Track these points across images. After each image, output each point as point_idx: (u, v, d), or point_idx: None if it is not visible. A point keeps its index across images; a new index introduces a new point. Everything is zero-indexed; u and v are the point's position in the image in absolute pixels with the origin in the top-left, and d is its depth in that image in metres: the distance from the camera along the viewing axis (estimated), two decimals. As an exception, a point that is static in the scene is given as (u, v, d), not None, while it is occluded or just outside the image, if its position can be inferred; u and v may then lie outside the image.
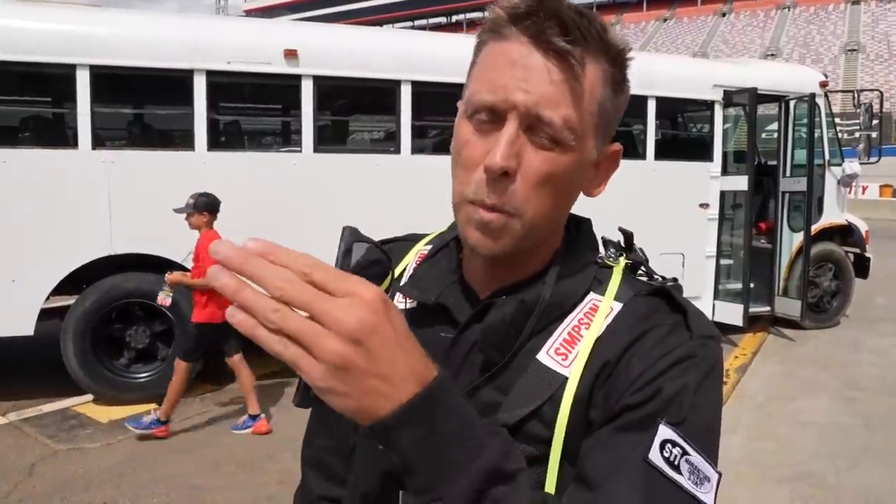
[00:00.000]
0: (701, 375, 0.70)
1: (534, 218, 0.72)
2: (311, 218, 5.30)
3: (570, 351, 0.74)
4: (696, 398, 0.69)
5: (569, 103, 0.69)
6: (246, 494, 3.76)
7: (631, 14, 63.15)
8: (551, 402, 0.73)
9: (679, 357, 0.70)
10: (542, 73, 0.69)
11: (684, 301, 0.77)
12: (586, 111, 0.71)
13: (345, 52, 5.41)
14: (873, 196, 24.80)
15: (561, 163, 0.71)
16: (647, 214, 6.00)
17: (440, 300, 0.81)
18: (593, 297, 0.78)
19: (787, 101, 7.11)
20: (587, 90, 0.70)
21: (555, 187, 0.72)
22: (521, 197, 0.71)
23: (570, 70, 0.69)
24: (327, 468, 0.97)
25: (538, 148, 0.70)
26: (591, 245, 0.84)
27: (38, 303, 4.76)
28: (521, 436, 0.73)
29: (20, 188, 4.67)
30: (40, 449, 4.31)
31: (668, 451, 0.65)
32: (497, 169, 0.68)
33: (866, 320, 7.81)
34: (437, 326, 0.81)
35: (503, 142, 0.69)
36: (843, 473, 4.11)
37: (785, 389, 5.59)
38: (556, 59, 0.69)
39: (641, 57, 8.92)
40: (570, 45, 0.68)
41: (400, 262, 0.92)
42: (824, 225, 7.35)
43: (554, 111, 0.69)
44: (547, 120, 0.69)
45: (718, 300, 6.85)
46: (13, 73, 4.82)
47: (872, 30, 47.38)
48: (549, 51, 0.68)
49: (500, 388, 0.75)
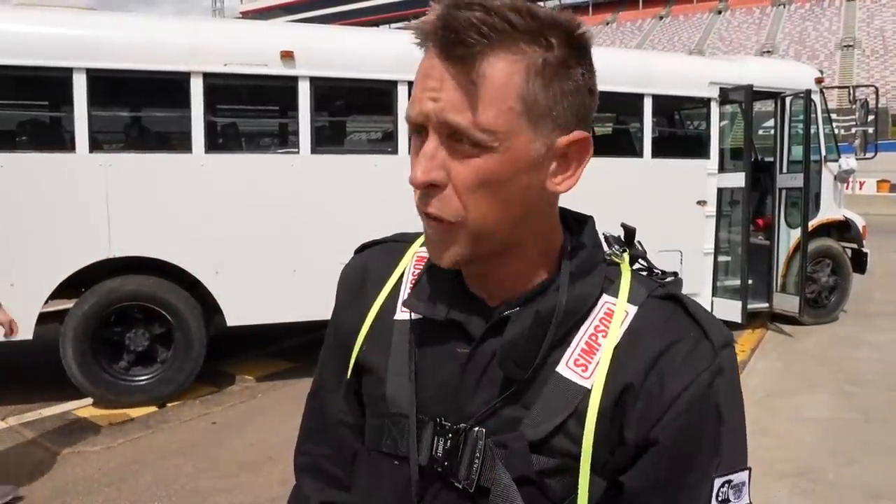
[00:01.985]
0: (729, 389, 0.75)
1: (478, 223, 0.71)
2: (309, 219, 5.31)
3: (590, 361, 0.75)
4: (728, 416, 0.75)
5: (477, 105, 0.67)
6: (248, 496, 3.76)
7: (627, 12, 63.18)
8: (575, 415, 0.74)
9: (708, 380, 0.74)
10: (447, 81, 0.68)
11: (695, 307, 0.78)
12: (503, 108, 0.68)
13: (341, 53, 5.41)
14: (870, 191, 24.83)
15: (488, 165, 0.69)
16: (644, 212, 5.98)
17: (451, 316, 0.80)
18: (606, 300, 0.78)
19: (784, 97, 7.12)
20: (497, 87, 0.67)
21: (491, 190, 0.70)
22: (456, 205, 0.71)
23: (472, 72, 0.67)
24: (328, 475, 0.97)
25: (462, 155, 0.69)
26: (596, 243, 0.83)
27: (36, 307, 4.75)
28: (548, 450, 0.74)
29: (18, 192, 4.66)
30: (40, 453, 4.31)
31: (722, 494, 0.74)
32: (419, 184, 0.71)
33: (864, 315, 7.82)
34: (450, 342, 0.80)
35: (421, 156, 0.70)
36: (843, 468, 4.12)
37: (784, 385, 5.60)
38: (461, 63, 0.67)
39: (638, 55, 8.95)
40: (469, 48, 0.67)
41: (396, 267, 0.90)
42: (821, 221, 7.36)
43: (460, 115, 0.68)
44: (455, 125, 0.68)
45: (717, 297, 6.87)
46: (10, 76, 4.81)
47: (868, 26, 47.45)
48: (449, 58, 0.68)
49: (523, 403, 0.76)
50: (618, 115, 7.64)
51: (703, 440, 0.73)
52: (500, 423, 0.76)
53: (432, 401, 0.80)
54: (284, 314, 5.35)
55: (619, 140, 7.47)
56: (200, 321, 5.12)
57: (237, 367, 6.00)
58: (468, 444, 0.76)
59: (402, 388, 0.81)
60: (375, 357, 0.86)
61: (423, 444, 0.79)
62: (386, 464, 0.83)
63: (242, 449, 4.36)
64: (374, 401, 0.86)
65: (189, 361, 5.11)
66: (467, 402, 0.77)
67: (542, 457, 0.74)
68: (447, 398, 0.79)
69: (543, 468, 0.74)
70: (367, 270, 0.93)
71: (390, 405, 0.82)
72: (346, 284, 0.95)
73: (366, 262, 0.94)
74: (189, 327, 5.07)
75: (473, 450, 0.76)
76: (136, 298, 4.99)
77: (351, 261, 0.97)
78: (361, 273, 0.93)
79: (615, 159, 6.42)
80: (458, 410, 0.78)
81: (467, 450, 0.76)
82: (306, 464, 1.00)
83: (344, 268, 0.97)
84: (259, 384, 5.64)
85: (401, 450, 0.81)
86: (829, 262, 7.53)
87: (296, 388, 5.45)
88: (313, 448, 1.00)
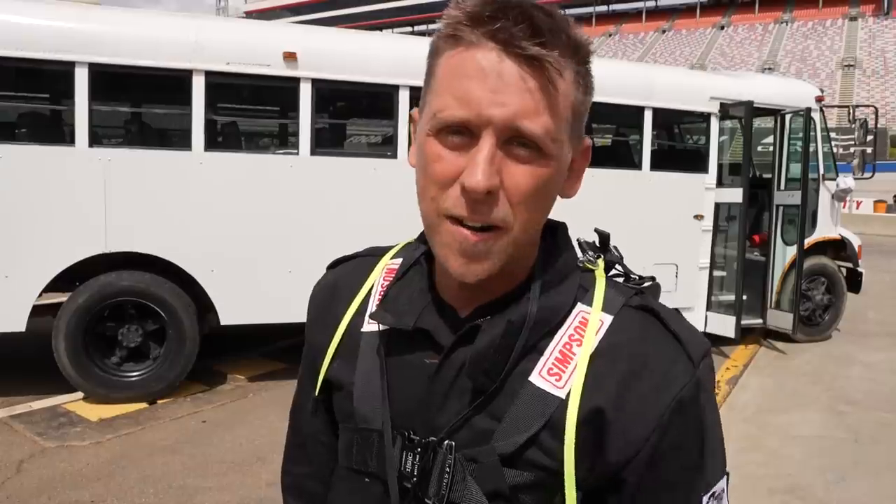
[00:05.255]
0: (709, 402, 0.75)
1: (521, 232, 0.69)
2: (306, 220, 5.30)
3: (564, 371, 0.72)
4: (710, 431, 0.75)
5: (547, 112, 0.65)
6: (235, 496, 3.75)
7: (630, 24, 63.42)
8: (549, 427, 0.71)
9: (690, 396, 0.72)
10: (517, 83, 0.64)
11: (671, 318, 0.76)
12: (563, 117, 0.67)
13: (344, 56, 5.42)
14: (867, 211, 24.93)
15: (544, 174, 0.67)
16: (641, 224, 6.02)
17: (419, 325, 0.77)
18: (581, 308, 0.76)
19: (783, 114, 7.15)
20: (562, 95, 0.66)
21: (539, 199, 0.69)
22: (505, 212, 0.67)
23: (546, 76, 0.64)
24: (310, 494, 0.97)
25: (519, 161, 0.66)
26: (570, 250, 0.80)
27: (30, 299, 4.75)
28: (521, 463, 0.72)
29: (15, 184, 4.66)
30: (29, 446, 4.29)
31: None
32: (481, 190, 0.64)
33: (858, 335, 7.84)
34: (419, 352, 0.77)
35: (482, 161, 0.64)
36: (832, 487, 4.12)
37: (776, 402, 5.61)
38: (530, 66, 0.64)
39: (639, 68, 8.98)
40: (542, 48, 0.63)
41: (365, 281, 0.88)
42: (818, 239, 7.38)
43: (534, 122, 0.65)
44: (528, 133, 0.65)
45: (711, 311, 6.87)
46: (12, 68, 4.81)
47: (869, 46, 47.72)
48: (521, 57, 0.63)
49: (494, 414, 0.73)
50: (618, 126, 7.66)
51: (689, 459, 0.73)
52: (470, 436, 0.73)
53: (401, 413, 0.77)
54: (278, 315, 5.34)
55: (618, 152, 7.49)
56: (194, 319, 5.12)
57: (229, 366, 5.99)
58: (438, 459, 0.74)
59: (370, 402, 0.79)
60: (344, 372, 0.84)
61: (391, 458, 0.76)
62: (357, 481, 0.81)
63: (231, 448, 4.35)
64: (343, 416, 0.84)
65: (181, 359, 5.10)
66: (437, 414, 0.75)
67: (515, 470, 0.72)
68: (416, 410, 0.76)
69: (517, 482, 0.72)
70: (337, 287, 0.91)
71: (359, 420, 0.80)
72: (315, 302, 0.94)
73: (336, 278, 0.93)
74: (182, 325, 5.06)
75: (443, 465, 0.73)
76: (131, 294, 4.98)
77: (322, 278, 0.96)
78: (331, 290, 0.92)
79: (614, 171, 6.44)
80: (428, 423, 0.75)
81: (437, 464, 0.73)
82: (289, 484, 1.01)
83: (315, 286, 0.95)
84: (250, 384, 5.63)
85: (371, 466, 0.79)
86: (823, 281, 7.55)
87: (287, 390, 5.42)
88: (294, 467, 1.00)
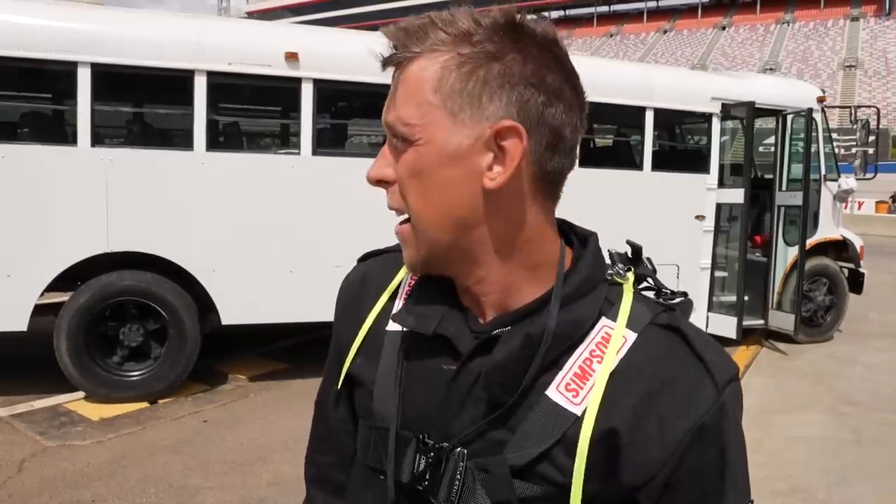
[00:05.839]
0: (733, 429, 0.73)
1: (419, 219, 0.74)
2: (308, 221, 5.31)
3: (582, 387, 0.71)
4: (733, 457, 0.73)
5: (402, 102, 0.73)
6: (236, 496, 3.74)
7: (631, 25, 63.44)
8: (563, 442, 0.71)
9: (712, 422, 0.71)
10: (392, 89, 0.75)
11: (698, 339, 0.75)
12: (421, 102, 0.71)
13: (345, 57, 5.42)
14: (869, 211, 24.93)
15: (412, 157, 0.73)
16: (642, 224, 6.00)
17: (439, 330, 0.77)
18: (605, 323, 0.74)
19: (785, 115, 7.15)
20: (418, 83, 0.72)
21: (420, 182, 0.73)
22: (398, 201, 0.75)
23: (401, 75, 0.74)
24: (335, 483, 0.97)
25: (398, 152, 0.74)
26: (598, 261, 0.78)
27: (32, 299, 4.75)
28: (532, 476, 0.72)
29: (17, 183, 4.67)
30: (30, 445, 4.30)
31: None
32: (369, 181, 0.77)
33: (860, 335, 7.83)
34: (438, 357, 0.78)
35: (377, 156, 0.77)
36: (834, 488, 4.12)
37: (777, 403, 5.60)
38: (395, 72, 0.75)
39: (640, 68, 8.98)
40: (406, 51, 0.73)
41: (393, 279, 0.88)
42: (819, 239, 7.37)
43: (389, 115, 0.74)
44: (386, 123, 0.74)
45: (712, 312, 6.87)
46: (14, 68, 4.82)
47: (871, 46, 47.70)
48: (388, 66, 0.76)
49: (508, 426, 0.73)
50: (619, 126, 7.66)
51: (709, 485, 0.72)
52: (484, 445, 0.74)
53: (417, 417, 0.78)
54: (279, 315, 5.34)
55: (619, 152, 7.49)
56: (195, 319, 5.12)
57: (230, 366, 5.99)
58: (449, 465, 0.74)
59: (387, 401, 0.80)
60: (366, 370, 0.84)
61: (405, 460, 0.77)
62: (372, 477, 0.82)
63: (232, 448, 4.35)
64: (363, 413, 0.85)
65: (182, 358, 5.10)
66: (451, 421, 0.76)
67: (525, 483, 0.72)
68: (431, 415, 0.77)
69: (526, 495, 0.72)
70: (366, 280, 0.92)
71: (377, 419, 0.81)
72: (344, 294, 0.94)
73: (366, 272, 0.94)
74: (183, 324, 5.06)
75: (454, 471, 0.74)
76: (132, 294, 4.98)
77: (352, 270, 0.96)
78: (360, 283, 0.92)
79: (615, 171, 6.43)
80: (442, 428, 0.76)
81: (448, 470, 0.74)
82: (314, 474, 1.01)
83: (344, 277, 0.96)
84: (251, 384, 5.63)
85: (384, 464, 0.80)
86: (825, 282, 7.54)
87: (288, 389, 5.45)
88: (319, 457, 1.00)
